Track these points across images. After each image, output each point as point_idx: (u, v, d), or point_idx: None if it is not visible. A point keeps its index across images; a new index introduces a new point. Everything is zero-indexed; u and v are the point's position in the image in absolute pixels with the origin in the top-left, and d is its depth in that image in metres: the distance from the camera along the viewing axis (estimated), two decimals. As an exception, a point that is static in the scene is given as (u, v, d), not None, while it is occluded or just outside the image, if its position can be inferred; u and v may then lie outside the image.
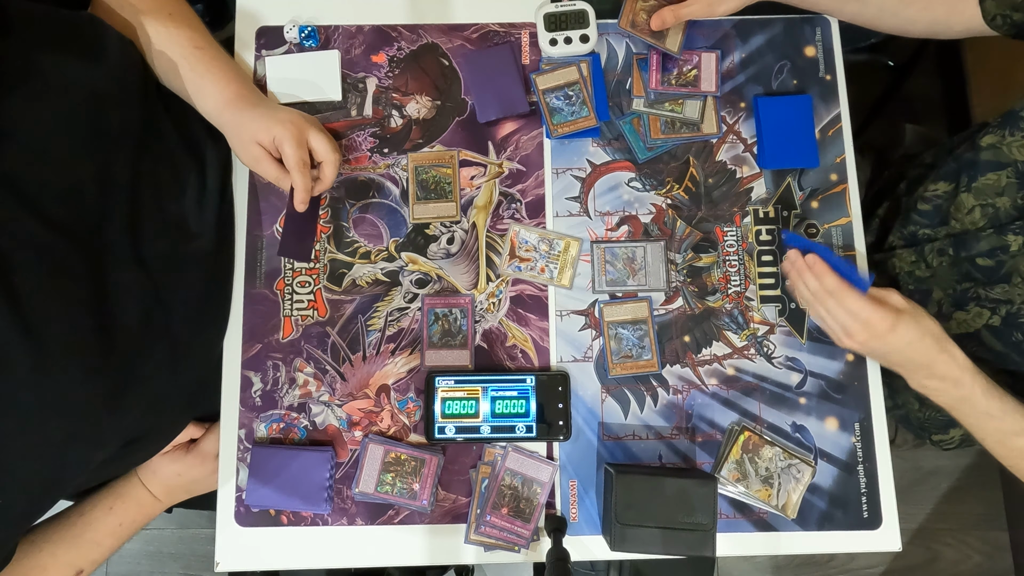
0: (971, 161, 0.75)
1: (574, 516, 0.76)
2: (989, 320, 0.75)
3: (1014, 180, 0.71)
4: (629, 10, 0.83)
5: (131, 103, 0.69)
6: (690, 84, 0.83)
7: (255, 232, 0.81)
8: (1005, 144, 0.70)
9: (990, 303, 0.75)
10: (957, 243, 0.76)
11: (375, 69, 0.85)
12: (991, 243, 0.72)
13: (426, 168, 0.82)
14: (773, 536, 0.76)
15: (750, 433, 0.75)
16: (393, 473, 0.75)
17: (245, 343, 0.79)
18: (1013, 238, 0.70)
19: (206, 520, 1.54)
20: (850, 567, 1.56)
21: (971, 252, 0.74)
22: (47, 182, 0.59)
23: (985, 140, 0.73)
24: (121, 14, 0.72)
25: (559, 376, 0.77)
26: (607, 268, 0.81)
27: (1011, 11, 0.70)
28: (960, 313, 0.78)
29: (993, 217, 0.73)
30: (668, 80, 0.83)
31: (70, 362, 0.58)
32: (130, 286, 0.66)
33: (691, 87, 0.83)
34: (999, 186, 0.71)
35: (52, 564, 0.70)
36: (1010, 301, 0.72)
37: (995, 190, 0.72)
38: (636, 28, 0.82)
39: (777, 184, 0.83)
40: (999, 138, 0.71)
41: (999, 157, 0.71)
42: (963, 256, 0.75)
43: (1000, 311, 0.74)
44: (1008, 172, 0.70)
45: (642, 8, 0.82)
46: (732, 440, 0.76)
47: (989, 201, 0.73)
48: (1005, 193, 0.71)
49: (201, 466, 0.78)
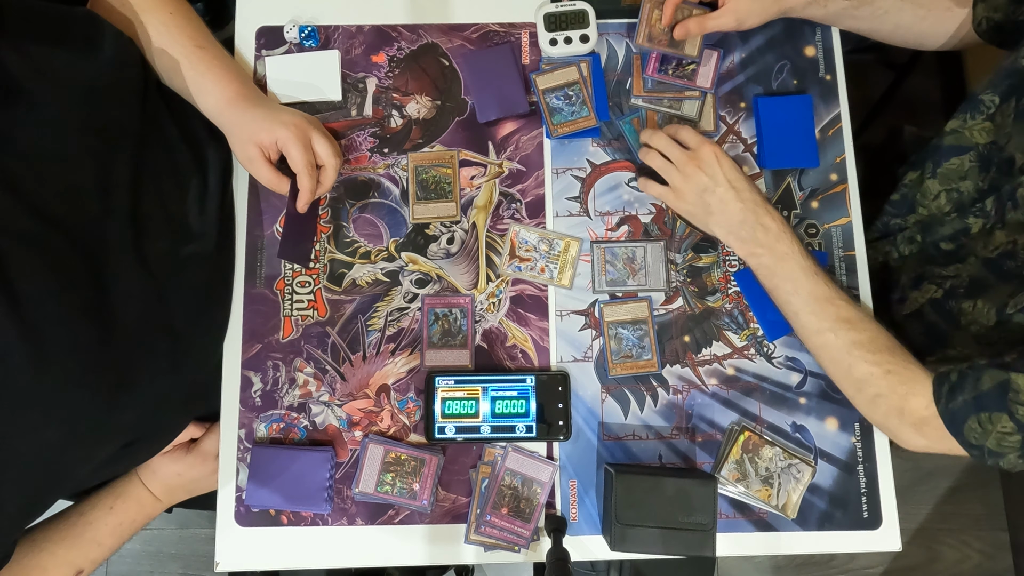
0: (935, 147, 0.76)
1: (574, 516, 0.76)
2: (934, 294, 0.76)
3: (976, 164, 0.71)
4: (645, 25, 0.83)
5: (130, 101, 0.68)
6: (686, 77, 0.83)
7: (255, 232, 0.81)
8: (967, 128, 0.71)
9: (939, 279, 0.75)
10: (924, 228, 0.76)
11: (375, 69, 0.85)
12: (954, 227, 0.73)
13: (426, 168, 0.82)
14: (773, 536, 0.76)
15: (750, 433, 0.75)
16: (393, 473, 0.75)
17: (245, 343, 0.79)
18: (973, 220, 0.70)
19: (206, 520, 1.54)
20: (850, 567, 1.57)
21: (935, 237, 0.75)
22: (46, 180, 0.59)
23: (949, 125, 0.74)
24: (121, 12, 0.72)
25: (559, 376, 0.77)
26: (607, 268, 0.81)
27: (992, 12, 0.71)
28: (914, 292, 0.78)
29: (957, 202, 0.74)
30: (666, 70, 0.83)
31: (69, 361, 0.58)
32: (130, 286, 0.65)
33: (687, 80, 0.83)
34: (962, 170, 0.72)
35: (52, 563, 0.70)
36: (957, 276, 0.73)
37: (958, 174, 0.73)
38: (653, 41, 0.82)
39: (777, 184, 0.83)
40: (960, 122, 0.72)
41: (961, 141, 0.72)
42: (928, 241, 0.75)
43: (945, 285, 0.75)
44: (970, 156, 0.71)
45: (657, 20, 0.83)
46: (732, 440, 0.76)
47: (954, 186, 0.73)
48: (968, 177, 0.72)
49: (201, 466, 0.78)
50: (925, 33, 0.77)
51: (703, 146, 0.74)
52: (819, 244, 0.81)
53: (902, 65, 1.46)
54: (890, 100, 1.48)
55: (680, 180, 0.75)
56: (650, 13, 0.82)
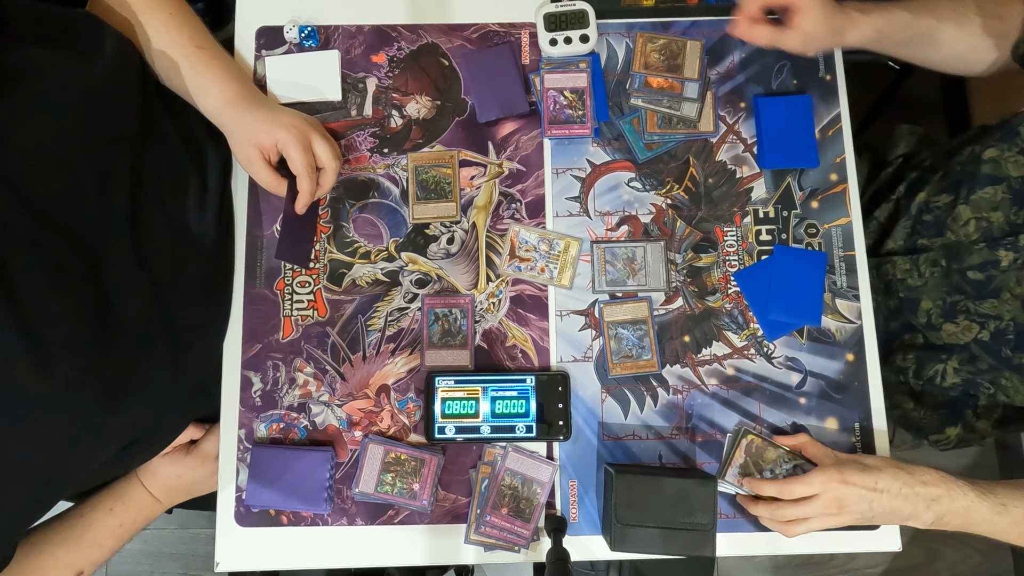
0: (972, 173, 0.75)
1: (574, 516, 0.76)
2: (978, 335, 0.76)
3: (1008, 196, 0.71)
4: (640, 53, 0.83)
5: (129, 102, 0.68)
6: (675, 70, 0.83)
7: (255, 232, 0.81)
8: (1003, 159, 0.71)
9: (979, 317, 0.75)
10: (949, 254, 0.76)
11: (375, 69, 0.85)
12: (983, 257, 0.73)
13: (426, 168, 0.82)
14: (773, 536, 0.76)
15: (753, 436, 0.75)
16: (393, 473, 0.75)
17: (245, 343, 0.79)
18: (1004, 254, 0.71)
19: (206, 520, 1.54)
20: (850, 567, 1.56)
21: (963, 264, 0.75)
22: (46, 182, 0.59)
23: (987, 153, 0.73)
24: (121, 13, 0.72)
25: (559, 376, 0.77)
26: (607, 268, 0.81)
27: None
28: (949, 325, 0.78)
29: (986, 231, 0.73)
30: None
31: (69, 362, 0.58)
32: (130, 286, 0.65)
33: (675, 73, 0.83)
34: (994, 200, 0.72)
35: (52, 565, 0.70)
36: (999, 317, 0.73)
37: (990, 204, 0.72)
38: (650, 69, 0.83)
39: (777, 184, 0.83)
40: (999, 152, 0.72)
41: (997, 172, 0.72)
42: (954, 268, 0.75)
43: (989, 326, 0.75)
44: (1004, 187, 0.71)
45: (653, 50, 0.83)
46: (735, 444, 0.75)
47: (984, 215, 0.73)
48: (999, 208, 0.72)
49: (201, 467, 0.78)
50: (973, 61, 0.77)
51: (818, 495, 0.69)
52: (819, 244, 0.81)
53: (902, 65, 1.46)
54: (890, 100, 1.48)
55: (831, 522, 0.69)
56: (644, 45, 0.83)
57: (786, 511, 0.69)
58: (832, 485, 0.67)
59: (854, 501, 0.67)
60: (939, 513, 0.68)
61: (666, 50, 0.83)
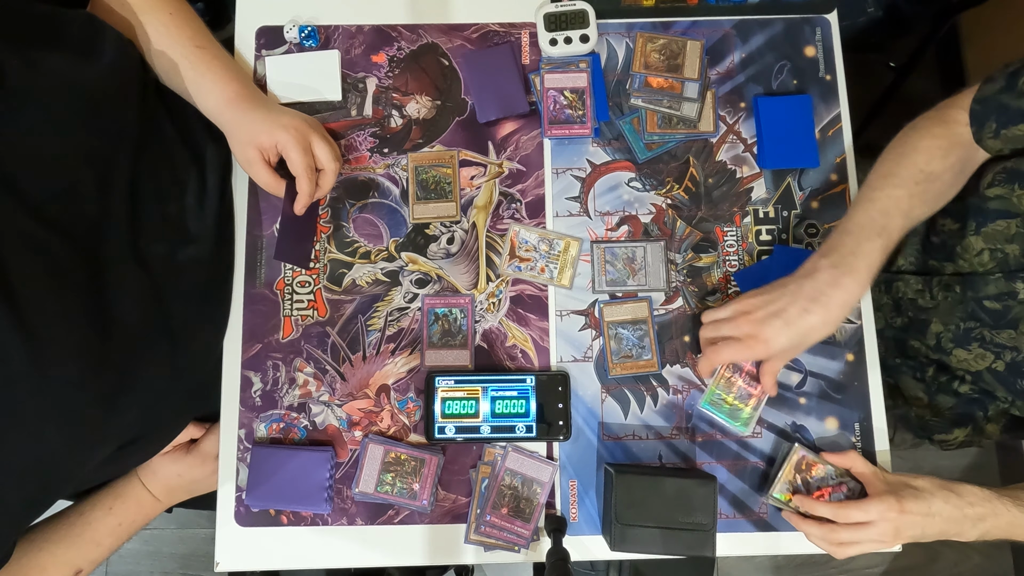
0: (978, 207, 0.75)
1: (574, 516, 0.76)
2: (993, 364, 0.76)
3: (1023, 230, 0.72)
4: (640, 53, 0.83)
5: (129, 102, 0.68)
6: (675, 70, 0.83)
7: (255, 232, 0.81)
8: (1015, 196, 0.71)
9: (995, 347, 0.75)
10: (965, 283, 0.76)
11: (375, 69, 0.85)
12: (999, 287, 0.73)
13: (426, 168, 0.82)
14: (773, 536, 0.76)
15: (803, 453, 0.74)
16: (393, 473, 0.75)
17: (245, 343, 0.79)
18: (1022, 286, 0.71)
19: (206, 520, 1.54)
20: (850, 567, 1.56)
21: (979, 294, 0.75)
22: (45, 182, 0.59)
23: (992, 191, 0.74)
24: (121, 13, 0.72)
25: (559, 376, 0.77)
26: (607, 268, 0.81)
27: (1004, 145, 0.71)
28: (960, 351, 0.78)
29: (1002, 262, 0.74)
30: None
31: (68, 362, 0.58)
32: (129, 286, 0.66)
33: (675, 73, 0.83)
34: (1008, 233, 0.73)
35: (51, 564, 0.70)
36: (1016, 348, 0.73)
37: (1005, 237, 0.73)
38: (650, 69, 0.83)
39: (777, 184, 0.83)
40: (1007, 190, 0.72)
41: (1008, 207, 0.72)
42: (970, 296, 0.76)
43: (1005, 356, 0.75)
44: (1018, 222, 0.72)
45: (653, 50, 0.83)
46: (785, 459, 0.74)
47: (998, 246, 0.74)
48: (1015, 241, 0.72)
49: (201, 466, 0.78)
50: (958, 186, 0.77)
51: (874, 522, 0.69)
52: (819, 244, 0.81)
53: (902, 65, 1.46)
54: (890, 100, 1.48)
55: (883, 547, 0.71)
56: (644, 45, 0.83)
57: (840, 534, 0.69)
58: (891, 515, 0.68)
59: (908, 528, 0.69)
60: (984, 530, 0.70)
61: (666, 50, 0.84)
